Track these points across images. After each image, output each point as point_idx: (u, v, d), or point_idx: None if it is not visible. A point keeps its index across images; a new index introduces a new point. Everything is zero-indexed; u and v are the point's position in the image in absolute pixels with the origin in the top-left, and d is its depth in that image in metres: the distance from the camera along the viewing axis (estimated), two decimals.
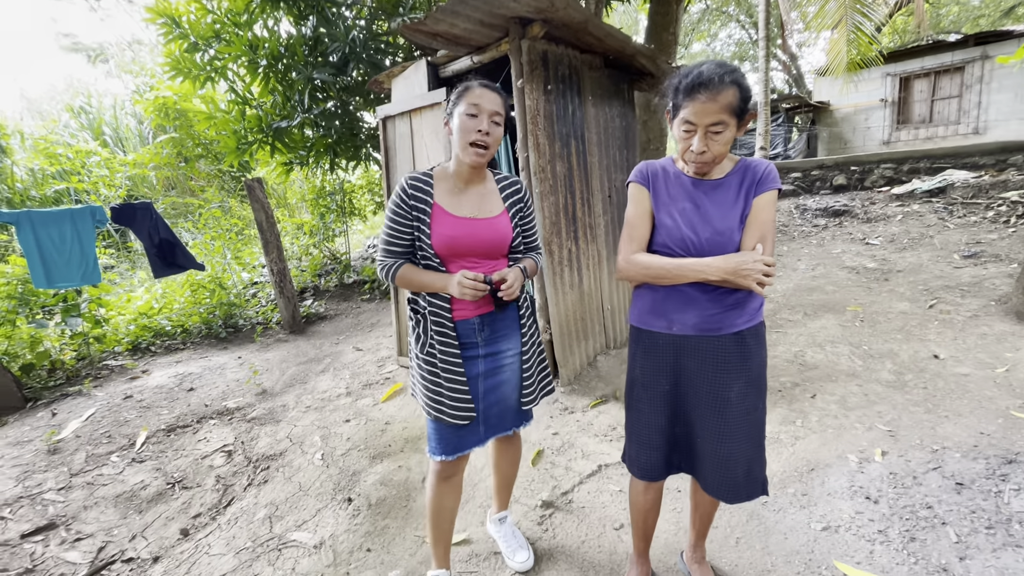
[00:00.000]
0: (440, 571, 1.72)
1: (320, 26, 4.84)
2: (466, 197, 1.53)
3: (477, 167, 1.51)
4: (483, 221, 1.52)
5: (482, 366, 1.56)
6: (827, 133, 12.88)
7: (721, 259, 1.24)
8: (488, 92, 1.45)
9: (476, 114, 1.43)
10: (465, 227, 1.49)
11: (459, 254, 1.49)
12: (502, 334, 1.58)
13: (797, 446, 2.38)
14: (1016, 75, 9.93)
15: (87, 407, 3.48)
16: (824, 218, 6.67)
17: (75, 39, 18.94)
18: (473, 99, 1.43)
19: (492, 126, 1.45)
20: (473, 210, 1.52)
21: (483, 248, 1.51)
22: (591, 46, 3.27)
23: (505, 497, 1.93)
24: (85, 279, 3.94)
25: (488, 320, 1.54)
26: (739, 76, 1.21)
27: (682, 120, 1.25)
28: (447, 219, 1.48)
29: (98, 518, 2.32)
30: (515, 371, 1.62)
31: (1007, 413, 2.42)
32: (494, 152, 1.50)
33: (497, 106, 1.45)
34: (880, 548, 1.73)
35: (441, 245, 1.46)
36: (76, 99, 10.92)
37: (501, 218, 1.55)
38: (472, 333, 1.54)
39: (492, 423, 1.61)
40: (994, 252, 4.75)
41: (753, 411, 1.35)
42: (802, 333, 3.67)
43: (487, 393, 1.58)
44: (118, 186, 7.21)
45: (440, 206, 1.49)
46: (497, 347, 1.57)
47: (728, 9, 18.23)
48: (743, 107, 1.22)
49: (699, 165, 1.29)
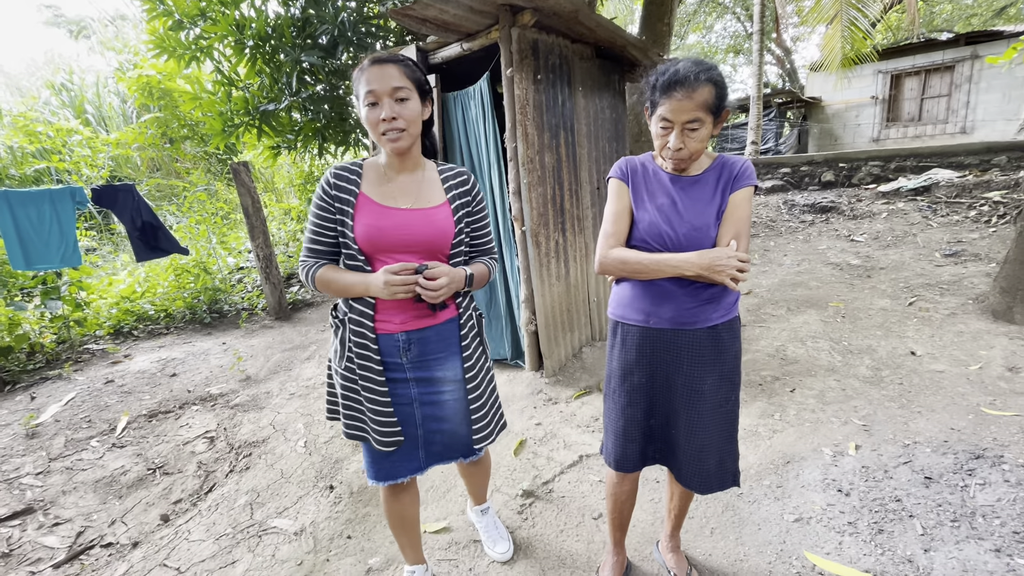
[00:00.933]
0: (416, 567, 1.68)
1: (309, 7, 4.74)
2: (399, 187, 1.35)
3: (400, 153, 1.32)
4: (417, 212, 1.32)
5: (415, 390, 1.38)
6: (818, 129, 12.95)
7: (696, 255, 1.25)
8: (379, 68, 1.24)
9: (375, 101, 1.25)
10: (394, 218, 1.30)
11: (386, 249, 1.30)
12: (435, 357, 1.38)
13: (774, 439, 2.42)
14: (1005, 75, 10.04)
15: (67, 391, 3.44)
16: (811, 214, 6.73)
17: (57, 11, 18.37)
18: (367, 87, 1.24)
19: (397, 105, 1.25)
20: (406, 200, 1.33)
21: (416, 243, 1.31)
22: (582, 36, 3.24)
23: (481, 497, 1.92)
24: (65, 261, 3.87)
25: (416, 338, 1.34)
26: (715, 74, 1.22)
27: (659, 117, 1.26)
28: (373, 208, 1.30)
29: (77, 503, 2.30)
30: (459, 401, 1.43)
31: (978, 409, 2.48)
32: (416, 130, 1.31)
33: (395, 80, 1.24)
34: (849, 539, 1.78)
35: (365, 238, 1.28)
36: (57, 75, 10.62)
37: (440, 210, 1.35)
38: (395, 351, 1.34)
39: (436, 451, 1.45)
40: (974, 251, 4.83)
41: (725, 404, 1.38)
42: (784, 328, 3.72)
43: (426, 420, 1.40)
44: (100, 166, 7.06)
45: (367, 196, 1.31)
46: (430, 372, 1.38)
47: (724, 1, 18.13)
48: (719, 105, 1.23)
49: (676, 161, 1.30)
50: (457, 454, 1.49)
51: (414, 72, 1.30)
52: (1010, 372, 2.82)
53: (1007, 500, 1.85)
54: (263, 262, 4.92)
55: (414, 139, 1.33)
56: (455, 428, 1.45)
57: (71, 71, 10.36)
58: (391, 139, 1.27)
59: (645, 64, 3.79)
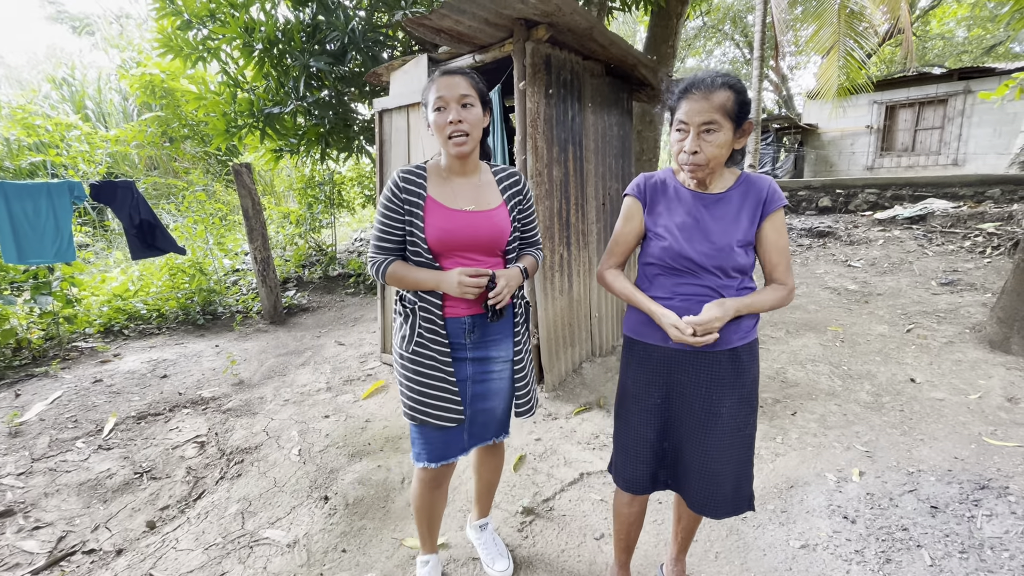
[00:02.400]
0: (430, 556, 1.77)
1: (319, 13, 4.76)
2: (461, 189, 1.46)
3: (463, 156, 1.43)
4: (480, 214, 1.45)
5: (470, 370, 1.49)
6: (814, 155, 13.16)
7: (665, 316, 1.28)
8: (448, 78, 1.38)
9: (443, 107, 1.37)
10: (461, 220, 1.42)
11: (454, 249, 1.42)
12: (493, 339, 1.51)
13: (777, 463, 2.40)
14: (996, 111, 10.28)
15: (53, 389, 3.35)
16: (809, 238, 6.79)
17: (60, 7, 18.34)
18: (436, 93, 1.37)
19: (463, 110, 1.37)
20: (469, 202, 1.45)
21: (480, 242, 1.44)
22: (594, 53, 3.27)
23: (486, 504, 1.90)
24: (59, 256, 3.79)
25: (480, 321, 1.48)
26: (734, 81, 1.22)
27: (677, 121, 1.26)
28: (441, 212, 1.41)
29: (59, 506, 2.22)
30: (506, 380, 1.56)
31: (980, 439, 2.48)
32: (478, 134, 1.43)
33: (463, 88, 1.37)
34: (856, 568, 1.75)
35: (435, 239, 1.40)
36: (59, 70, 10.56)
37: (499, 211, 1.48)
38: (461, 333, 1.47)
39: (476, 431, 1.56)
40: (970, 281, 4.88)
41: (744, 428, 1.35)
42: (784, 351, 3.72)
43: (474, 399, 1.52)
44: (98, 162, 6.98)
45: (434, 199, 1.42)
46: (487, 352, 1.51)
47: (724, 28, 18.52)
48: (740, 112, 1.21)
49: (692, 167, 1.26)
50: (491, 434, 1.61)
51: (478, 84, 1.43)
52: (1010, 402, 2.83)
53: (1015, 532, 1.84)
54: (260, 265, 4.86)
55: (476, 143, 1.43)
56: (496, 406, 1.57)
57: (73, 66, 10.31)
58: (457, 142, 1.38)
59: (653, 84, 3.83)
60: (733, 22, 18.13)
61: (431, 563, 1.76)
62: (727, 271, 1.27)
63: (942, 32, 16.99)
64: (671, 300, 1.31)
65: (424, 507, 1.63)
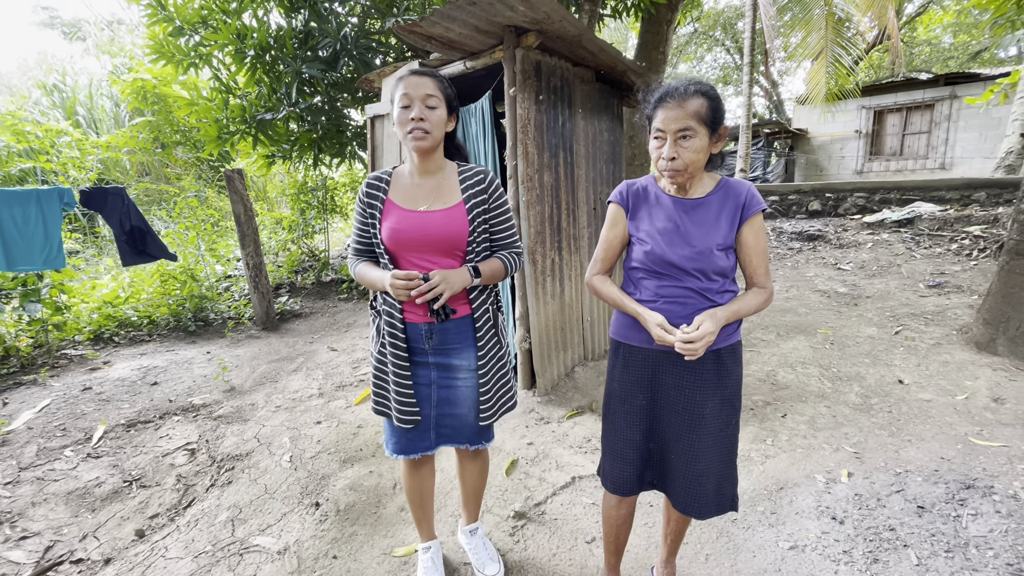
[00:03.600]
0: (431, 542, 1.82)
1: (312, 20, 4.79)
2: (421, 191, 1.48)
3: (422, 152, 1.44)
4: (433, 213, 1.45)
5: (434, 374, 1.52)
6: (804, 159, 13.30)
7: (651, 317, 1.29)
8: (415, 78, 1.41)
9: (408, 104, 1.40)
10: (413, 220, 1.44)
11: (409, 249, 1.45)
12: (454, 347, 1.51)
13: (767, 464, 2.41)
14: (982, 116, 10.44)
15: (41, 397, 3.32)
16: (799, 242, 6.86)
17: (52, 12, 18.27)
18: (402, 91, 1.40)
19: (426, 110, 1.40)
20: (426, 203, 1.46)
21: (432, 242, 1.43)
22: (584, 59, 3.31)
23: (473, 510, 1.89)
24: (48, 263, 3.77)
25: (437, 328, 1.48)
26: (707, 88, 1.25)
27: (654, 129, 1.29)
28: (395, 212, 1.46)
29: (47, 515, 2.20)
30: (471, 388, 1.55)
31: (966, 439, 2.51)
32: (439, 134, 1.44)
33: (428, 88, 1.40)
34: (844, 569, 1.76)
35: (388, 239, 1.44)
36: (49, 76, 10.51)
37: (454, 210, 1.45)
38: (420, 339, 1.49)
39: (444, 432, 1.58)
40: (957, 283, 4.94)
41: (726, 428, 1.37)
42: (775, 353, 3.75)
43: (440, 403, 1.55)
44: (89, 168, 6.94)
45: (392, 201, 1.48)
46: (448, 359, 1.52)
47: (715, 34, 18.73)
48: (714, 118, 1.24)
49: (671, 173, 1.29)
50: (463, 439, 1.61)
51: (446, 88, 1.47)
52: (995, 403, 2.86)
53: (999, 531, 1.86)
54: (252, 271, 4.85)
55: (436, 143, 1.46)
56: (464, 414, 1.57)
57: (64, 72, 10.27)
58: (415, 137, 1.40)
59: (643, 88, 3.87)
60: (724, 28, 18.34)
61: (432, 548, 1.81)
62: (708, 274, 1.29)
63: (929, 38, 17.27)
64: (655, 303, 1.33)
65: (410, 492, 1.73)
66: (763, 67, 14.87)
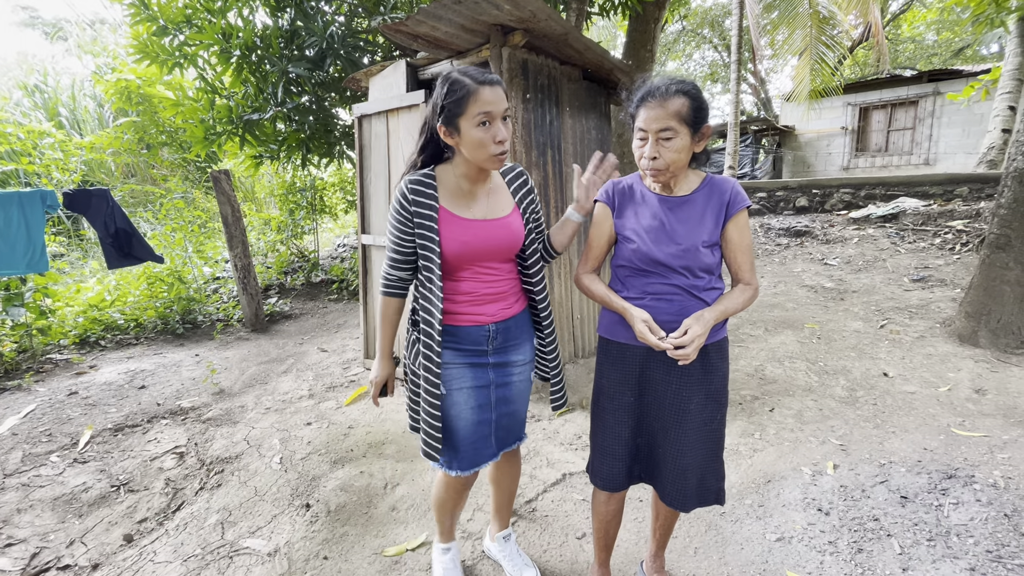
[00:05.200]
0: (451, 543, 1.79)
1: (298, 19, 4.75)
2: (473, 197, 1.40)
3: (498, 169, 1.38)
4: (495, 222, 1.39)
5: (492, 374, 1.49)
6: (792, 156, 13.43)
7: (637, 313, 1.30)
8: (493, 90, 1.25)
9: (488, 121, 1.25)
10: (476, 231, 1.36)
11: (471, 260, 1.38)
12: (513, 344, 1.51)
13: (755, 458, 2.44)
14: (964, 112, 10.60)
15: (26, 403, 3.28)
16: (787, 238, 6.93)
17: (33, 12, 17.97)
18: (481, 107, 1.23)
19: (504, 124, 1.28)
20: (483, 211, 1.39)
21: (497, 251, 1.40)
22: (571, 58, 3.32)
23: (506, 516, 1.85)
24: (31, 267, 3.72)
25: (502, 328, 1.47)
26: (689, 87, 1.26)
27: (637, 129, 1.30)
28: (456, 222, 1.35)
29: (33, 522, 2.17)
30: (524, 381, 1.57)
31: (948, 430, 2.56)
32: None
33: (505, 102, 1.27)
34: (830, 559, 1.79)
35: (453, 253, 1.34)
36: (30, 76, 10.34)
37: (513, 217, 1.43)
38: (484, 340, 1.45)
39: (502, 436, 1.55)
40: (940, 277, 5.03)
41: (711, 423, 1.39)
42: (763, 348, 3.79)
43: (499, 403, 1.51)
44: (72, 170, 6.83)
45: (447, 209, 1.35)
46: (507, 357, 1.50)
47: (703, 32, 18.83)
48: (696, 117, 1.25)
49: (654, 172, 1.30)
50: (515, 437, 1.61)
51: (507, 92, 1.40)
52: (977, 394, 2.92)
53: (979, 519, 1.90)
54: (241, 272, 4.81)
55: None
56: (519, 408, 1.59)
57: (45, 72, 10.11)
58: (501, 159, 1.31)
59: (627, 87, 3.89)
60: (711, 26, 18.44)
61: (452, 550, 1.79)
62: (694, 271, 1.31)
63: (912, 35, 17.50)
64: (642, 300, 1.34)
65: (448, 507, 1.67)
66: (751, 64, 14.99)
